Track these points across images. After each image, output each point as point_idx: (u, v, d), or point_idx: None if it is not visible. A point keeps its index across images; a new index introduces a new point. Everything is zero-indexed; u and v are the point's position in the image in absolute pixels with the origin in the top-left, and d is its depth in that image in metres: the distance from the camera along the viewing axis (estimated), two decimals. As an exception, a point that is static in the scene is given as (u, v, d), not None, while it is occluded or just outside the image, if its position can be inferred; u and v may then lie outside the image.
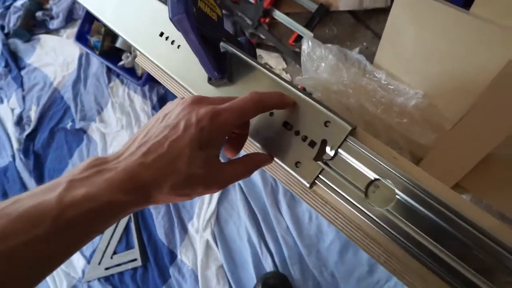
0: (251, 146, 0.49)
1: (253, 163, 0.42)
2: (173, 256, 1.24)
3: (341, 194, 0.43)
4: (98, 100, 1.60)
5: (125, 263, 1.29)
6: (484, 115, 0.75)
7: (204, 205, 1.22)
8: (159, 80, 0.60)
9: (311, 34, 1.09)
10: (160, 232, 1.27)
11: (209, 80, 0.51)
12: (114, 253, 1.33)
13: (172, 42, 0.57)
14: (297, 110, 0.45)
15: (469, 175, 0.87)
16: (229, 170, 0.38)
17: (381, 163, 0.41)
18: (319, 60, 0.96)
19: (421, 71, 0.87)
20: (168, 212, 1.28)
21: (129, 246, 1.32)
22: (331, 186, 0.43)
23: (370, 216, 0.41)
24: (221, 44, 0.51)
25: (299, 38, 1.14)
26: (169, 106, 0.40)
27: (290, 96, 0.45)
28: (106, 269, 1.31)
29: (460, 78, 0.80)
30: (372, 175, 0.41)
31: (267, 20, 1.21)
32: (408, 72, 0.89)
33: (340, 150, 0.43)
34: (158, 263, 1.24)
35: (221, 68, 0.50)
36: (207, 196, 1.24)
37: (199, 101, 0.38)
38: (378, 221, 0.40)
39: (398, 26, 0.88)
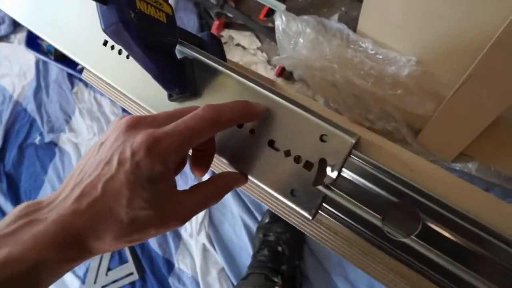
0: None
1: (221, 186, 0.35)
2: (170, 265, 1.16)
3: (352, 224, 0.34)
4: (64, 109, 1.47)
5: (121, 278, 1.21)
6: (488, 77, 0.66)
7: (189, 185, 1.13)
8: (112, 99, 0.50)
9: (283, 7, 0.98)
10: (153, 242, 1.19)
11: (170, 97, 0.41)
12: (109, 269, 1.25)
13: (120, 52, 0.47)
14: (283, 124, 0.36)
15: (474, 142, 0.79)
16: (190, 200, 0.31)
17: (397, 180, 0.32)
18: (296, 35, 0.86)
19: (412, 36, 0.77)
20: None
21: (123, 261, 1.24)
22: (338, 215, 0.35)
23: (391, 248, 0.33)
24: (177, 49, 0.41)
25: (270, 12, 1.03)
26: (107, 132, 0.33)
27: (267, 105, 0.36)
28: (103, 287, 1.24)
29: (457, 40, 0.70)
30: (387, 196, 0.33)
31: (232, -3, 1.09)
32: (397, 38, 0.80)
33: (344, 169, 0.34)
34: (156, 274, 1.17)
35: (180, 80, 0.40)
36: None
37: (135, 124, 0.31)
38: (403, 253, 0.32)
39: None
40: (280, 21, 0.86)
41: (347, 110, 0.89)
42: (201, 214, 1.12)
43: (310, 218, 0.35)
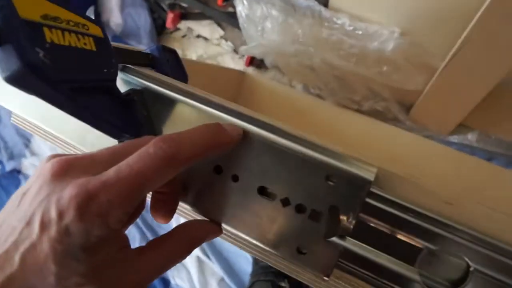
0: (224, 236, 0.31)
1: (188, 241, 0.27)
2: (166, 283, 1.08)
3: (381, 281, 0.26)
4: (20, 132, 1.33)
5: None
6: (487, 40, 0.59)
7: (180, 219, 1.05)
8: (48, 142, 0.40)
9: (242, -12, 0.87)
10: (142, 260, 1.11)
11: (121, 142, 0.32)
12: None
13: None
14: (275, 165, 0.27)
15: (472, 111, 0.72)
16: (147, 262, 0.24)
17: (431, 220, 0.25)
18: (262, 20, 0.76)
19: (393, 3, 0.68)
20: (144, 237, 1.11)
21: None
22: (361, 272, 0.27)
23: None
24: (120, 78, 0.32)
25: (229, -5, 0.92)
26: (32, 177, 0.24)
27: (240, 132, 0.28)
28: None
29: (445, 2, 0.62)
30: (422, 242, 0.25)
31: (183, -17, 0.97)
32: (376, 8, 0.71)
33: (362, 215, 0.26)
34: (152, 295, 1.09)
35: (129, 123, 0.31)
36: (181, 209, 1.06)
37: (64, 171, 0.23)
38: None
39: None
40: (241, 6, 0.76)
41: (330, 94, 0.81)
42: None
43: (326, 279, 0.28)
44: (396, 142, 0.79)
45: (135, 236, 1.13)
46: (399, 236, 0.26)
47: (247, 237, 0.29)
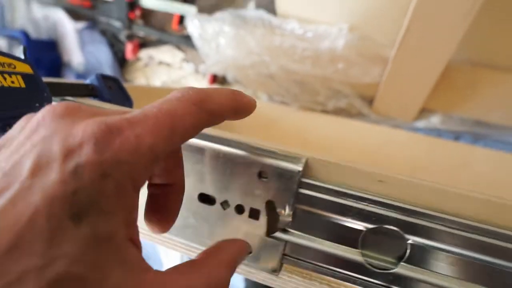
0: (168, 243, 0.31)
1: (230, 259, 0.22)
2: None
3: (326, 268, 0.27)
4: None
5: None
6: (426, 25, 0.61)
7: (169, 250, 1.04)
8: None
9: (194, 10, 0.89)
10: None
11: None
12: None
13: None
14: (210, 170, 0.28)
15: (431, 94, 0.74)
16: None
17: (364, 200, 0.25)
18: (215, 37, 0.77)
19: (337, 1, 0.71)
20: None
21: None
22: (306, 261, 0.27)
23: (381, 285, 0.25)
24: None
25: (183, 19, 0.94)
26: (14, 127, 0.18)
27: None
28: None
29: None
30: (359, 223, 0.25)
31: (137, 13, 0.98)
32: (321, 8, 0.73)
33: (298, 205, 0.26)
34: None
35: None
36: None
37: (70, 112, 0.17)
38: (395, 287, 0.25)
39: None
40: (193, 27, 0.77)
41: (293, 100, 0.82)
42: (177, 259, 1.03)
43: (276, 274, 0.28)
44: (364, 136, 0.80)
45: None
46: (339, 221, 0.26)
47: (197, 245, 0.29)
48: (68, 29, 1.07)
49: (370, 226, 0.25)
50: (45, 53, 1.10)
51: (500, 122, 0.77)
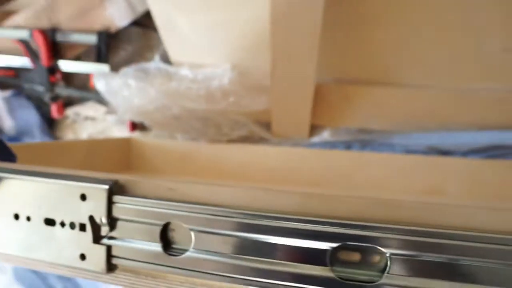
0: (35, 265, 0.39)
1: None
2: None
3: (145, 262, 0.35)
4: None
5: None
6: (285, 54, 0.72)
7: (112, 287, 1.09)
8: None
9: (106, 68, 0.99)
10: None
11: None
12: None
13: None
14: (49, 200, 0.36)
15: (316, 112, 0.85)
16: None
17: (159, 205, 0.34)
18: (120, 90, 0.87)
19: (215, 48, 0.82)
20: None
21: None
22: (130, 259, 0.35)
23: (177, 268, 0.34)
24: None
25: (98, 76, 1.04)
26: None
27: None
28: None
29: (248, 35, 0.76)
30: (157, 223, 0.34)
31: (58, 77, 1.08)
32: (204, 54, 0.84)
33: (115, 216, 0.35)
34: None
35: None
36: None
37: None
38: (188, 267, 0.34)
39: (163, 16, 0.82)
40: (99, 84, 0.87)
41: (201, 134, 0.92)
42: None
43: (105, 272, 0.36)
44: (268, 157, 0.90)
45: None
46: (143, 224, 0.35)
47: (51, 261, 0.37)
48: (-3, 98, 1.15)
49: (164, 223, 0.34)
50: (-22, 123, 1.18)
51: (379, 128, 0.89)
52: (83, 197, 0.35)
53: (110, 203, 0.35)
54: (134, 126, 1.03)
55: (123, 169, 0.97)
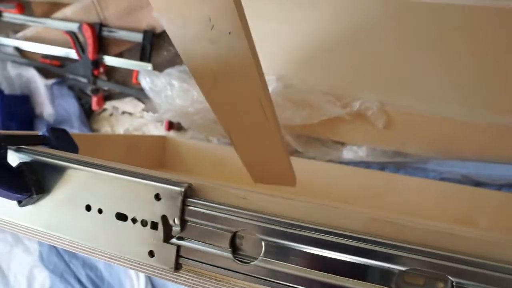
0: (98, 254, 0.41)
1: None
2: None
3: (211, 265, 0.36)
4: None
5: None
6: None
7: (134, 281, 1.10)
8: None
9: (149, 66, 1.02)
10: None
11: (19, 203, 0.42)
12: None
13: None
14: (124, 196, 0.38)
15: (354, 129, 0.86)
16: None
17: (231, 212, 0.35)
18: (164, 89, 0.89)
19: (261, 58, 0.84)
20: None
21: None
22: (197, 261, 0.37)
23: (247, 275, 0.35)
24: (14, 155, 0.42)
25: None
26: None
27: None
28: None
29: (296, 48, 0.78)
30: (228, 229, 0.35)
31: (101, 70, 1.11)
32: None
33: (187, 218, 0.36)
34: None
35: (22, 187, 0.41)
36: (133, 272, 1.12)
37: None
38: (256, 275, 0.35)
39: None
40: (144, 82, 0.89)
41: (238, 141, 0.93)
42: (142, 285, 1.09)
43: (172, 271, 0.37)
44: (299, 171, 0.91)
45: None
46: (214, 229, 0.36)
47: (117, 253, 0.39)
48: (39, 85, 1.18)
49: (235, 230, 0.35)
50: (18, 107, 1.21)
51: (416, 152, 0.89)
52: (157, 197, 0.37)
53: (183, 205, 0.36)
54: (171, 125, 1.05)
55: (156, 166, 0.99)
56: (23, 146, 0.45)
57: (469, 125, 0.85)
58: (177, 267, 0.37)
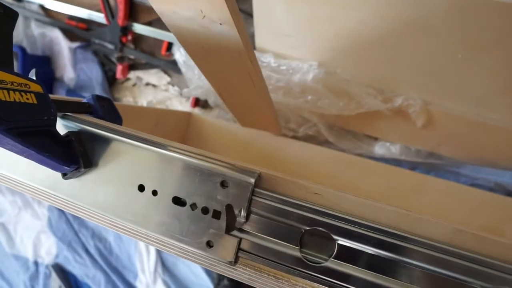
0: (145, 238, 0.38)
1: None
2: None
3: (273, 261, 0.34)
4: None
5: None
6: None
7: (144, 257, 1.09)
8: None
9: (181, 38, 0.97)
10: (108, 304, 1.13)
11: (64, 175, 0.39)
12: None
13: None
14: (184, 178, 0.35)
15: (388, 126, 0.83)
16: None
17: (304, 208, 0.33)
18: (198, 65, 0.85)
19: (307, 42, 0.80)
20: (109, 280, 1.13)
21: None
22: (257, 255, 0.34)
23: (314, 276, 0.33)
24: (60, 124, 0.39)
25: (171, 46, 1.02)
26: None
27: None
28: None
29: (347, 37, 0.74)
30: (298, 226, 0.33)
31: (129, 38, 1.06)
32: (294, 46, 0.82)
33: (252, 209, 0.34)
34: (120, 337, 1.10)
35: (69, 158, 0.38)
36: (143, 247, 1.10)
37: None
38: (325, 277, 0.32)
39: (265, 1, 0.79)
40: (179, 54, 0.86)
41: (267, 125, 0.90)
42: (152, 261, 1.08)
43: (231, 265, 0.35)
44: (328, 162, 0.89)
45: (100, 281, 1.15)
46: (281, 223, 0.33)
47: (169, 240, 0.36)
48: (63, 47, 1.13)
49: (306, 228, 0.33)
50: (39, 67, 1.17)
51: (451, 155, 0.86)
52: (223, 184, 0.34)
53: (251, 196, 0.33)
54: (197, 102, 1.02)
55: (178, 141, 0.96)
56: (69, 114, 0.41)
57: (510, 133, 0.82)
58: (236, 260, 0.35)
